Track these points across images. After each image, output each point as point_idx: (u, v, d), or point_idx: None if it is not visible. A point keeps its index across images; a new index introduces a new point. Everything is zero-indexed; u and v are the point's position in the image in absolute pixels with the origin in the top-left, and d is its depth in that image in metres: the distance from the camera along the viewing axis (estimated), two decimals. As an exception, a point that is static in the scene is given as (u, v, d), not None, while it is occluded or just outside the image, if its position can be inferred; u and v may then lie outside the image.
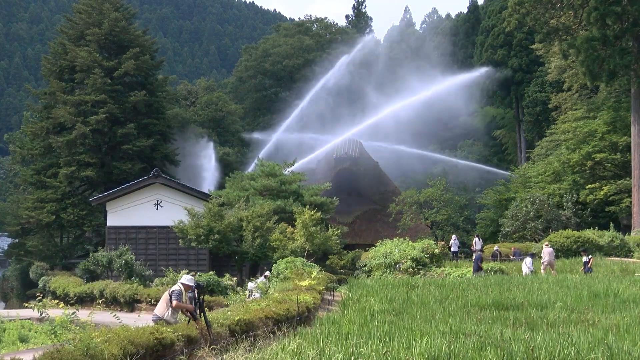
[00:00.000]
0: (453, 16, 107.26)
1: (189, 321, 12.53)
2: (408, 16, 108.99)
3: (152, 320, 12.47)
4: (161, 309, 12.77)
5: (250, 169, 50.18)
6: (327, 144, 58.62)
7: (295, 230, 33.43)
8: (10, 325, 21.84)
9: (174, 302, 12.59)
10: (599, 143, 42.84)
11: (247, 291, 24.94)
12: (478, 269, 26.14)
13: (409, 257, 28.26)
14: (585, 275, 22.07)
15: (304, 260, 29.38)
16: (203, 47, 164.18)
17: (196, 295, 12.90)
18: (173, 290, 12.68)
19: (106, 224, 41.70)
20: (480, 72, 60.12)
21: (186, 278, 13.00)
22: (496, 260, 31.06)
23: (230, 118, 71.81)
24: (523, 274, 24.17)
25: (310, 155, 58.76)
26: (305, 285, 21.41)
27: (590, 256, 25.25)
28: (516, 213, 42.49)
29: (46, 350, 8.18)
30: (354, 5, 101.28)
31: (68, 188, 48.97)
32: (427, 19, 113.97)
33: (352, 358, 9.01)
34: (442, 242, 33.70)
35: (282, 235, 32.91)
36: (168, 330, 10.87)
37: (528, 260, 25.22)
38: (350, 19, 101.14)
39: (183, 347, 10.94)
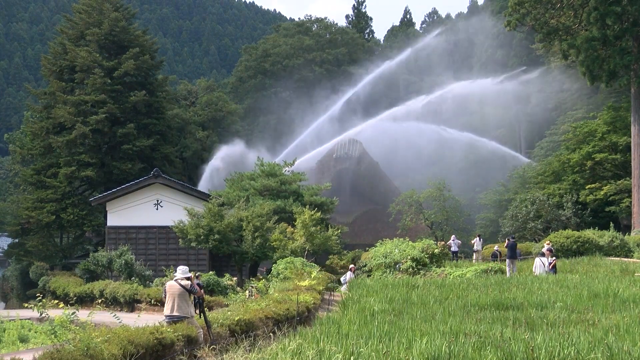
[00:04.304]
0: (453, 16, 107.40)
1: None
2: (408, 16, 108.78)
3: (173, 321, 12.09)
4: (184, 308, 12.38)
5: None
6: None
7: (295, 230, 33.43)
8: (10, 325, 21.86)
9: (202, 291, 12.76)
10: (599, 143, 42.84)
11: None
12: (513, 256, 26.32)
13: (409, 257, 28.22)
14: (547, 275, 21.95)
15: (304, 260, 29.40)
16: (203, 47, 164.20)
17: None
18: (192, 286, 12.58)
19: (106, 224, 41.70)
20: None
21: (183, 270, 12.82)
22: (496, 260, 31.02)
23: (230, 118, 71.82)
24: (537, 273, 23.81)
25: (313, 151, 59.05)
26: (305, 285, 21.43)
27: (554, 258, 25.00)
28: (516, 213, 42.48)
29: (46, 350, 8.18)
30: (354, 5, 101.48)
31: (68, 188, 48.95)
32: (427, 19, 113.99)
33: (352, 358, 9.00)
34: (443, 242, 33.65)
35: (282, 235, 32.92)
36: (168, 330, 10.88)
37: (545, 260, 24.83)
38: (350, 19, 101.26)
39: (183, 347, 10.94)
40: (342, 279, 28.97)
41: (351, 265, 29.97)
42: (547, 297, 15.56)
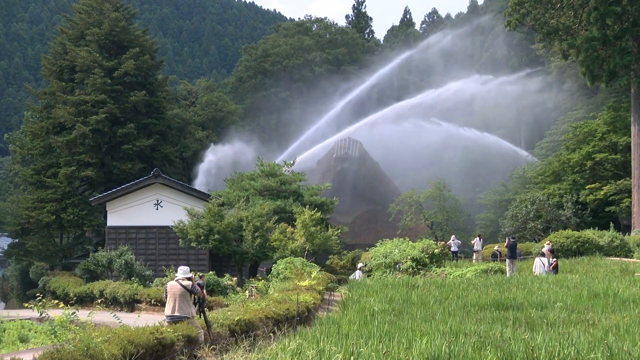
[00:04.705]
0: (453, 16, 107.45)
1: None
2: (408, 16, 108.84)
3: (174, 321, 12.10)
4: (186, 308, 12.41)
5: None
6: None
7: (295, 230, 33.43)
8: (10, 325, 21.87)
9: (205, 292, 12.83)
10: (599, 143, 42.84)
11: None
12: (513, 256, 26.32)
13: (409, 257, 28.21)
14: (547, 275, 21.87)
15: (304, 260, 29.39)
16: (203, 47, 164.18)
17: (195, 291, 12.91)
18: (193, 286, 12.61)
19: (106, 224, 41.68)
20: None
21: (184, 270, 12.84)
22: (496, 260, 31.00)
23: (230, 118, 71.82)
24: (537, 273, 23.78)
25: (313, 148, 59.08)
26: (305, 285, 21.42)
27: (555, 259, 24.87)
28: (516, 213, 42.47)
29: (46, 350, 8.18)
30: (354, 5, 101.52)
31: (68, 188, 48.95)
32: (427, 19, 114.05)
33: (352, 358, 9.00)
34: (443, 242, 33.62)
35: (282, 235, 32.91)
36: (168, 330, 10.87)
37: (545, 260, 24.78)
38: (350, 19, 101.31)
39: (183, 347, 10.94)
40: (350, 277, 28.87)
41: (360, 264, 29.74)
42: (547, 297, 15.56)
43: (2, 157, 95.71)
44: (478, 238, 36.67)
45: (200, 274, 24.21)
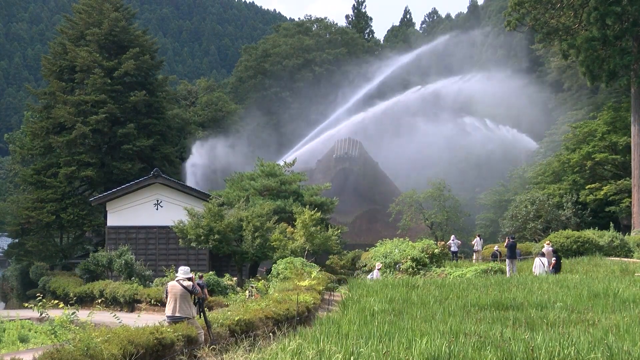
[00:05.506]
0: (453, 16, 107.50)
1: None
2: (408, 16, 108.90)
3: (174, 321, 12.10)
4: (186, 309, 12.40)
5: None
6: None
7: (295, 230, 33.44)
8: (10, 325, 21.89)
9: (206, 291, 12.88)
10: (599, 143, 42.85)
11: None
12: (512, 256, 26.37)
13: (409, 257, 28.23)
14: (548, 275, 21.90)
15: (304, 260, 29.39)
16: (203, 47, 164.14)
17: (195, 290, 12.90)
18: (193, 286, 12.61)
19: (106, 224, 41.68)
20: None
21: (185, 270, 12.84)
22: (496, 260, 31.02)
23: (230, 118, 71.80)
24: (536, 273, 23.81)
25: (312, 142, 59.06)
26: (305, 285, 21.43)
27: (554, 258, 24.81)
28: (516, 213, 42.47)
29: (46, 350, 8.19)
30: (354, 5, 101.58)
31: (68, 188, 48.97)
32: (427, 19, 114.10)
33: (352, 358, 9.00)
34: (443, 242, 33.63)
35: (282, 235, 32.92)
36: (168, 330, 10.88)
37: (545, 260, 24.82)
38: (350, 19, 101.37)
39: (183, 347, 10.94)
40: (368, 277, 28.65)
41: (378, 264, 29.26)
42: (547, 297, 15.56)
43: (2, 157, 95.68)
44: (478, 238, 36.67)
45: (200, 274, 24.22)
